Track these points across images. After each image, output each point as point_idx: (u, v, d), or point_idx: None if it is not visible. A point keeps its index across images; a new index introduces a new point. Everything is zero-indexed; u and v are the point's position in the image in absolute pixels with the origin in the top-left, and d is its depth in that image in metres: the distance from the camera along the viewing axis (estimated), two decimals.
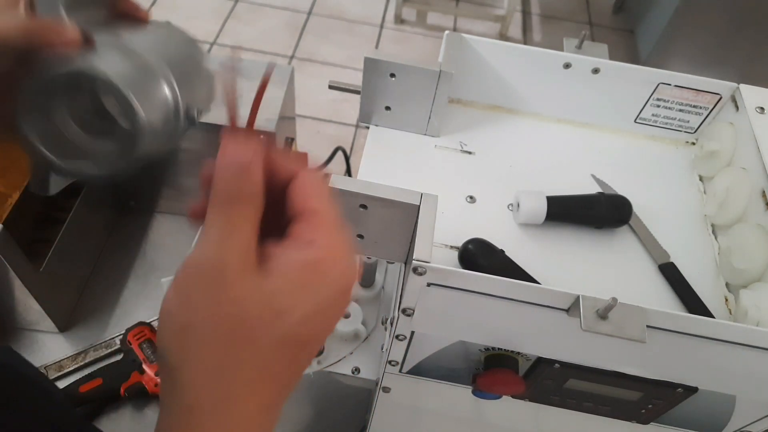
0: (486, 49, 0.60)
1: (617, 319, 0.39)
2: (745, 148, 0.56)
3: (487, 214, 0.56)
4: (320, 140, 1.44)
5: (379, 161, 0.59)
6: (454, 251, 0.52)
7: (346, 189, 0.42)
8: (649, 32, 1.70)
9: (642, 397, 0.51)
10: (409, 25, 1.93)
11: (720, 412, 0.51)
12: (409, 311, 0.45)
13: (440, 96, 0.58)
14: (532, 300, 0.42)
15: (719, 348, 0.43)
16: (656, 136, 0.65)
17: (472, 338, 0.48)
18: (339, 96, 0.66)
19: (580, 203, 0.56)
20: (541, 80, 0.62)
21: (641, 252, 0.55)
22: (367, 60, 0.56)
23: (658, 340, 0.43)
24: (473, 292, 0.42)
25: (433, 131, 0.62)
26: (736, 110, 0.59)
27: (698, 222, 0.59)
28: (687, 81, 0.60)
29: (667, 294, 0.53)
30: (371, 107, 0.60)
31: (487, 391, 0.51)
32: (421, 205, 0.42)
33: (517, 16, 2.01)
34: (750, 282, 0.51)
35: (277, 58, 1.77)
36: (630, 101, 0.63)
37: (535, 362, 0.50)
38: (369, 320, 0.63)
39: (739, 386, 0.48)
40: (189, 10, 2.04)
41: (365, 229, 0.47)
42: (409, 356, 0.52)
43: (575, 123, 0.65)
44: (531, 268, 0.51)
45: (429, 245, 0.40)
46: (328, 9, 1.96)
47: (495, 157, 0.61)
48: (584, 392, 0.52)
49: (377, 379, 0.58)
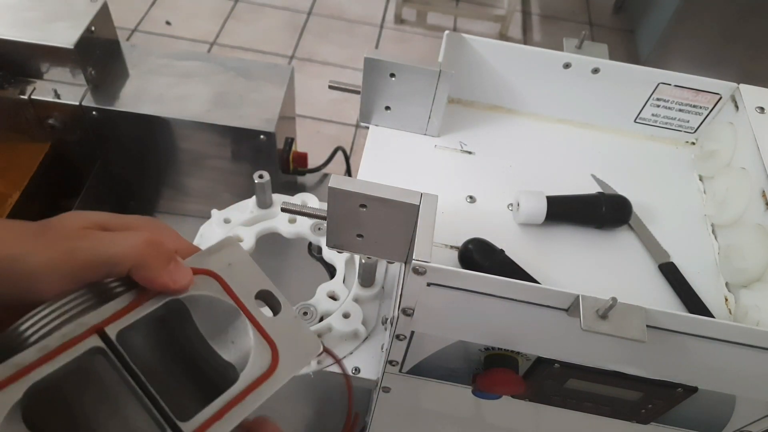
0: (486, 49, 0.60)
1: (617, 319, 0.40)
2: (745, 148, 0.56)
3: (487, 214, 0.56)
4: (320, 140, 1.44)
5: (379, 161, 0.59)
6: (454, 251, 0.52)
7: (346, 189, 0.42)
8: (649, 32, 1.70)
9: (642, 397, 0.51)
10: (409, 25, 1.93)
11: (720, 412, 0.51)
12: (409, 311, 0.45)
13: (440, 96, 0.58)
14: (532, 300, 0.42)
15: (719, 348, 0.43)
16: (656, 136, 0.65)
17: (472, 338, 0.48)
18: (339, 96, 0.66)
19: (580, 203, 0.56)
20: (541, 80, 0.62)
21: (641, 252, 0.55)
22: (367, 60, 0.56)
23: (658, 340, 0.43)
24: (473, 292, 0.42)
25: (433, 131, 0.62)
26: (736, 110, 0.59)
27: (698, 222, 0.59)
28: (687, 81, 0.60)
29: (667, 294, 0.53)
30: (371, 107, 0.60)
31: (487, 391, 0.51)
32: (421, 205, 0.42)
33: (517, 16, 2.01)
34: (750, 282, 0.51)
35: (277, 58, 1.77)
36: (630, 101, 0.63)
37: (535, 362, 0.50)
38: (369, 320, 0.63)
39: (739, 386, 0.48)
40: (189, 10, 2.04)
41: (365, 229, 0.47)
42: (409, 356, 0.52)
43: (575, 123, 0.65)
44: (531, 268, 0.51)
45: (429, 245, 0.40)
46: (328, 9, 1.96)
47: (495, 157, 0.61)
48: (584, 392, 0.52)
49: (377, 379, 0.58)
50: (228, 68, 0.89)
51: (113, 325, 0.27)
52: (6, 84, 0.81)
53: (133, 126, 0.83)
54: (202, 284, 0.31)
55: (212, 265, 0.31)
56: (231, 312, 0.31)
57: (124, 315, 0.28)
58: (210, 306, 0.31)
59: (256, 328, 0.30)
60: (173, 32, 2.07)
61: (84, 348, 0.26)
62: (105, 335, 0.27)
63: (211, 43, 1.88)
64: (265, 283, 0.32)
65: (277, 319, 0.31)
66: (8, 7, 0.82)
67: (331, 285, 0.64)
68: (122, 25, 2.06)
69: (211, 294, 0.31)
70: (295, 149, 0.93)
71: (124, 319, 0.28)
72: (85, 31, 0.80)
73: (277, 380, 0.29)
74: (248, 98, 0.86)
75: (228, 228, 0.67)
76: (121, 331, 0.27)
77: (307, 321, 0.60)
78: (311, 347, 0.31)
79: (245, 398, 0.28)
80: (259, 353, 0.30)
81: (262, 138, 0.83)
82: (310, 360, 0.31)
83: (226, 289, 0.31)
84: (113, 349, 0.27)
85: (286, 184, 0.95)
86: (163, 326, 0.31)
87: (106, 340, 0.27)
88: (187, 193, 0.96)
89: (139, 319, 0.28)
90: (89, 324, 0.27)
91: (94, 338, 0.27)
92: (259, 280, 0.32)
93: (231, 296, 0.31)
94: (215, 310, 0.31)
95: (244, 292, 0.31)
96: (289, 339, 0.31)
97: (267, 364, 0.29)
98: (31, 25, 0.80)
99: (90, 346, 0.26)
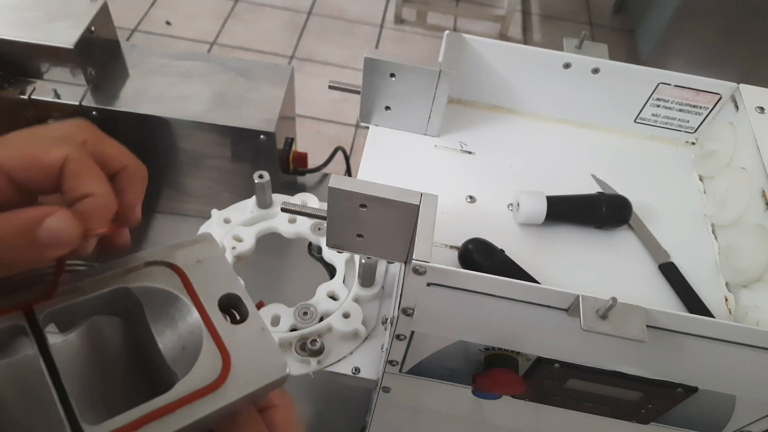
0: (486, 49, 0.60)
1: (617, 318, 0.40)
2: (745, 148, 0.56)
3: (487, 214, 0.56)
4: (320, 140, 1.44)
5: (379, 161, 0.59)
6: (454, 251, 0.52)
7: (346, 189, 0.42)
8: (649, 32, 1.70)
9: (642, 397, 0.51)
10: (409, 25, 1.93)
11: (720, 412, 0.51)
12: (409, 311, 0.45)
13: (440, 96, 0.58)
14: (532, 300, 0.42)
15: (719, 348, 0.43)
16: (656, 136, 0.65)
17: (472, 338, 0.48)
18: (339, 96, 0.66)
19: (580, 203, 0.56)
20: (541, 80, 0.62)
21: (641, 252, 0.55)
22: (367, 60, 0.56)
23: (658, 340, 0.43)
24: (473, 292, 0.42)
25: (433, 131, 0.62)
26: (736, 110, 0.59)
27: (698, 222, 0.59)
28: (687, 81, 0.60)
29: (667, 294, 0.53)
30: (371, 107, 0.60)
31: (487, 391, 0.51)
32: (421, 205, 0.42)
33: (517, 16, 2.01)
34: (750, 282, 0.51)
35: (277, 58, 1.78)
36: (630, 101, 0.63)
37: (535, 362, 0.50)
38: (369, 320, 0.63)
39: (739, 386, 0.48)
40: (189, 10, 2.04)
41: (365, 229, 0.46)
42: (409, 356, 0.52)
43: (575, 123, 0.65)
44: (531, 268, 0.51)
45: (429, 245, 0.40)
46: (328, 9, 1.96)
47: (495, 157, 0.61)
48: (584, 392, 0.52)
49: (377, 379, 0.58)
50: (228, 68, 0.90)
51: (43, 304, 0.25)
52: (6, 84, 0.81)
53: (133, 126, 0.83)
54: (161, 277, 0.28)
55: (178, 259, 0.29)
56: (186, 312, 0.28)
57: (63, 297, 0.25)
58: (164, 303, 0.28)
59: (211, 334, 0.26)
60: (173, 32, 2.07)
61: (3, 323, 0.24)
62: (32, 314, 0.24)
63: (211, 43, 1.88)
64: (236, 287, 0.29)
65: (240, 328, 0.27)
66: (8, 7, 0.82)
67: (331, 285, 0.64)
68: (122, 25, 2.06)
69: (168, 289, 0.28)
70: (295, 149, 0.93)
71: (58, 300, 0.25)
72: (85, 31, 0.80)
73: (222, 397, 0.25)
74: (248, 98, 0.86)
75: (228, 228, 0.67)
76: (61, 316, 0.25)
77: (307, 321, 0.60)
78: (273, 367, 0.27)
79: (174, 411, 0.24)
80: (205, 363, 0.26)
81: (262, 138, 0.83)
82: (268, 381, 0.26)
83: (187, 286, 0.28)
84: (36, 331, 0.24)
85: (286, 184, 0.95)
86: (123, 325, 0.28)
87: (31, 320, 0.24)
88: (187, 193, 0.96)
89: (79, 304, 0.26)
90: (17, 300, 0.24)
91: (18, 315, 0.24)
92: (228, 282, 0.29)
93: (191, 295, 0.28)
94: (169, 308, 0.28)
95: (208, 294, 0.28)
96: (249, 353, 0.27)
97: (213, 377, 0.25)
98: (31, 25, 0.80)
99: (11, 322, 0.24)
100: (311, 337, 0.58)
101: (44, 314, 0.25)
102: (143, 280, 0.27)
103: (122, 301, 0.28)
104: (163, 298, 0.28)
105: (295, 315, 0.60)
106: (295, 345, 0.59)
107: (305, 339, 0.58)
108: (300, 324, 0.60)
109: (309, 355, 0.58)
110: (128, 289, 0.27)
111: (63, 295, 0.26)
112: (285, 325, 0.60)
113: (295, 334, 0.59)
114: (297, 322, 0.60)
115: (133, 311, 0.28)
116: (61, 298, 0.25)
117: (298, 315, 0.60)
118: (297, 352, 0.58)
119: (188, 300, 0.27)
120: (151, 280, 0.28)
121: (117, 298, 0.27)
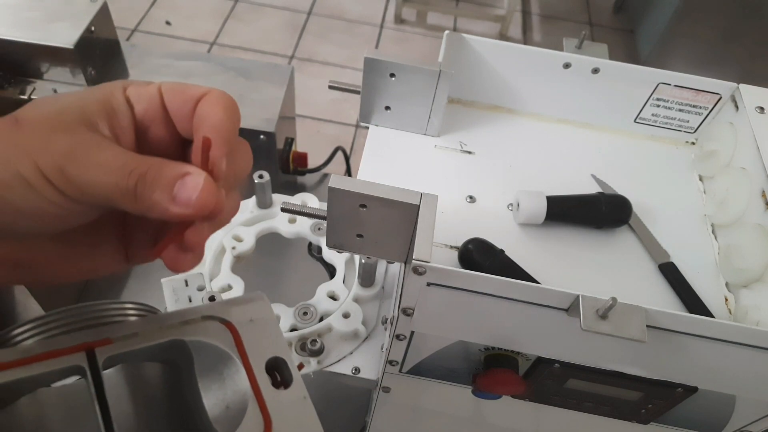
0: (486, 49, 0.60)
1: (617, 318, 0.39)
2: (745, 148, 0.56)
3: (487, 214, 0.56)
4: (320, 140, 1.44)
5: (379, 161, 0.59)
6: (454, 251, 0.52)
7: (346, 189, 0.42)
8: (649, 32, 1.70)
9: (642, 397, 0.51)
10: (409, 25, 1.93)
11: (720, 412, 0.51)
12: (409, 311, 0.45)
13: (440, 96, 0.58)
14: (532, 300, 0.42)
15: (719, 348, 0.43)
16: (656, 136, 0.65)
17: (472, 338, 0.48)
18: (339, 96, 0.66)
19: (580, 203, 0.56)
20: (541, 80, 0.62)
21: (641, 252, 0.55)
22: (367, 60, 0.56)
23: (658, 340, 0.43)
24: (473, 292, 0.42)
25: (433, 131, 0.62)
26: (736, 110, 0.59)
27: (698, 222, 0.59)
28: (687, 81, 0.60)
29: (667, 294, 0.53)
30: (371, 107, 0.60)
31: (487, 391, 0.51)
32: (421, 204, 0.42)
33: (517, 16, 2.02)
34: (750, 282, 0.51)
35: (277, 58, 1.77)
36: (630, 101, 0.63)
37: (535, 362, 0.50)
38: (369, 320, 0.63)
39: (739, 386, 0.48)
40: (189, 10, 2.04)
41: (365, 229, 0.46)
42: (409, 356, 0.52)
43: (575, 123, 0.65)
44: (531, 268, 0.51)
45: (429, 245, 0.40)
46: (328, 9, 1.96)
47: (495, 157, 0.61)
48: (584, 392, 0.52)
49: (377, 379, 0.58)
50: (228, 68, 0.90)
51: (105, 348, 0.25)
52: (6, 84, 0.81)
53: None
54: (216, 333, 0.28)
55: (233, 317, 0.29)
56: (234, 372, 0.28)
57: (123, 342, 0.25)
58: (216, 359, 0.28)
59: (256, 398, 0.27)
60: (173, 32, 2.07)
61: (65, 363, 0.24)
62: (93, 356, 0.25)
63: (211, 43, 1.88)
64: (283, 351, 0.29)
65: (284, 394, 0.27)
66: (8, 7, 0.82)
67: (331, 285, 0.64)
68: (122, 25, 2.06)
69: (221, 346, 0.28)
70: (295, 149, 0.93)
71: (119, 345, 0.25)
72: (85, 31, 0.80)
73: None
74: (248, 98, 0.86)
75: (228, 228, 0.67)
76: (114, 359, 0.25)
77: (307, 321, 0.60)
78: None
79: None
80: (249, 426, 0.26)
81: (262, 138, 0.83)
82: None
83: (238, 345, 0.28)
84: (95, 372, 0.24)
85: (286, 184, 0.95)
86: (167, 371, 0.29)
87: (92, 361, 0.25)
88: None
89: (136, 352, 0.26)
90: (80, 340, 0.25)
91: (80, 356, 0.24)
92: (277, 344, 0.29)
93: (241, 355, 0.28)
94: (219, 365, 0.28)
95: (257, 354, 0.28)
96: (290, 421, 0.27)
97: None
98: (31, 25, 0.80)
99: (72, 363, 0.24)
100: (311, 337, 0.58)
101: (105, 358, 0.25)
102: (198, 334, 0.28)
103: (175, 351, 0.28)
104: (215, 355, 0.28)
105: (295, 315, 0.60)
106: (295, 345, 0.59)
107: (305, 339, 0.58)
108: (300, 324, 0.60)
109: (309, 355, 0.58)
110: (184, 341, 0.27)
111: (123, 340, 0.26)
112: (285, 325, 0.60)
113: (295, 334, 0.59)
114: (297, 322, 0.60)
115: (182, 362, 0.28)
116: (121, 344, 0.26)
117: (298, 315, 0.60)
118: (297, 353, 0.58)
119: (239, 360, 0.28)
120: (206, 335, 0.28)
121: (171, 347, 0.28)
